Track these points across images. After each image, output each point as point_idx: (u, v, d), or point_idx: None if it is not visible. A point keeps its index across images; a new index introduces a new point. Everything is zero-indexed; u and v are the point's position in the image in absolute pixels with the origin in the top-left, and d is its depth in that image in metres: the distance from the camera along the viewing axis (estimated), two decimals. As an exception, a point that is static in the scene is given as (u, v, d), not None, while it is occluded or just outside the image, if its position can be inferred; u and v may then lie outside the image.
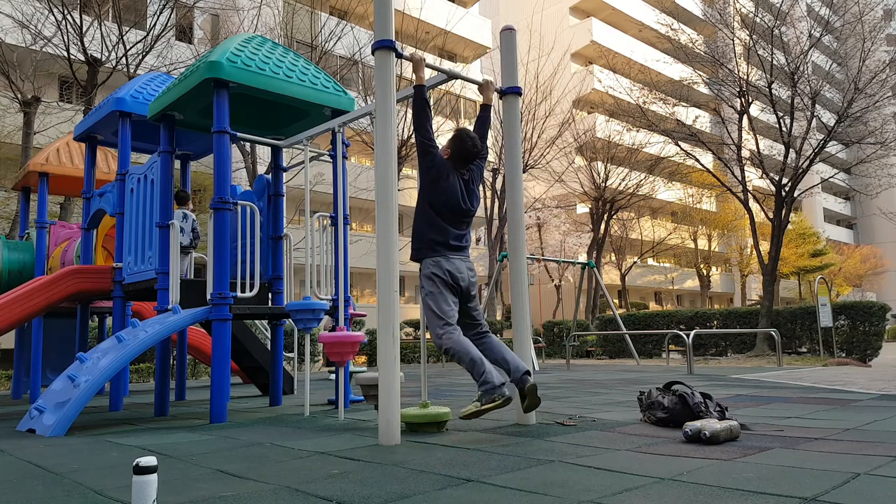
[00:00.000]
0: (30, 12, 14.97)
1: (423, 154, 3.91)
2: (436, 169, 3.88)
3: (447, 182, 3.88)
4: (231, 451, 3.31)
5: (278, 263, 6.10)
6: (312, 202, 8.65)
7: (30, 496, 2.37)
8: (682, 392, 3.79)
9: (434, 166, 3.88)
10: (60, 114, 16.19)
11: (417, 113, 3.93)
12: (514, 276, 4.30)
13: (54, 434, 4.08)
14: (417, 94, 3.93)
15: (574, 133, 26.38)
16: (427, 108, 3.94)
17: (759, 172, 18.03)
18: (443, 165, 3.91)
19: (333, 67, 19.51)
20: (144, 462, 1.72)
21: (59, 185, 8.45)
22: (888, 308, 15.04)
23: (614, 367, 12.75)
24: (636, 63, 29.09)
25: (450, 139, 4.06)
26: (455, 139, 4.02)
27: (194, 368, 12.24)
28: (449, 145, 4.03)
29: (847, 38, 19.68)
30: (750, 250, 36.44)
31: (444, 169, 3.90)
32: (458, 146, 3.98)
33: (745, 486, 2.21)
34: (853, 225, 58.65)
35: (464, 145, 3.97)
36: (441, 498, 2.17)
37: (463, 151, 3.97)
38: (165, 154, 5.47)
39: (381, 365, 3.42)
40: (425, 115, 3.92)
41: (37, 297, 6.05)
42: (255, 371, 7.14)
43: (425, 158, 3.91)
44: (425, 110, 3.93)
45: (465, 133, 4.03)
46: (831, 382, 7.02)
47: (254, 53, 5.19)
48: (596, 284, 25.07)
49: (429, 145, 3.91)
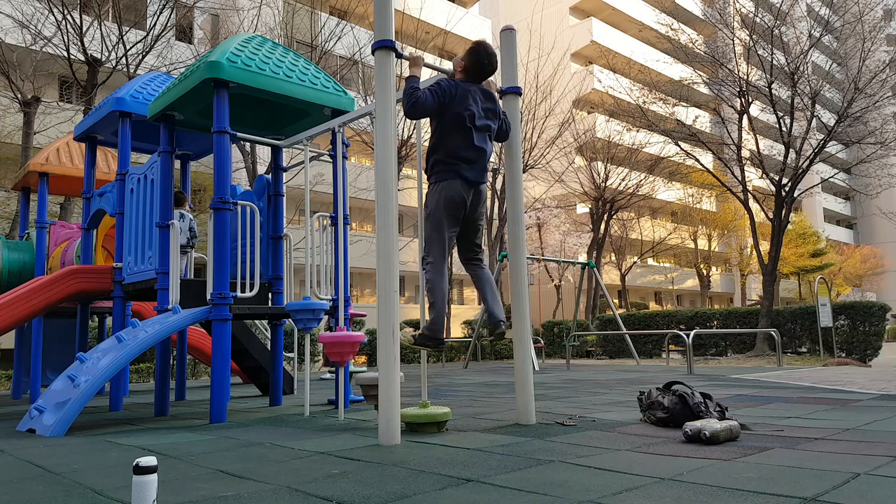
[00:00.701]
0: (30, 12, 14.98)
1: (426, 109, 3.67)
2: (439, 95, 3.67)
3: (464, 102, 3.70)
4: (231, 451, 3.31)
5: (278, 263, 6.10)
6: (312, 202, 8.65)
7: (30, 496, 2.37)
8: (682, 392, 3.79)
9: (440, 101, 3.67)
10: (60, 114, 16.19)
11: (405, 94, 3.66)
12: (514, 276, 4.30)
13: (54, 434, 4.08)
14: (407, 83, 3.68)
15: (574, 133, 26.38)
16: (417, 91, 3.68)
17: (759, 172, 18.04)
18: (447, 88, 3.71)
19: (333, 67, 19.51)
20: (144, 462, 1.72)
21: (59, 185, 8.45)
22: (888, 308, 15.04)
23: (614, 367, 12.75)
24: (636, 63, 29.10)
25: (466, 51, 3.87)
26: (471, 51, 3.84)
27: (194, 368, 12.24)
28: (464, 58, 3.86)
29: (847, 38, 19.68)
30: (750, 250, 36.44)
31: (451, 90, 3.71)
32: (474, 60, 3.83)
33: (745, 486, 2.21)
34: (853, 225, 58.65)
35: (479, 60, 3.82)
36: (441, 498, 2.17)
37: (478, 66, 3.82)
38: (165, 154, 5.47)
39: (381, 365, 3.42)
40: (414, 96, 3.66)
41: (37, 297, 6.05)
42: (255, 371, 7.14)
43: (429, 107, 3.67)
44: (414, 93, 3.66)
45: (484, 47, 3.87)
46: (831, 382, 7.02)
47: (254, 53, 5.19)
48: (596, 284, 25.07)
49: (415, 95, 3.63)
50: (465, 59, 3.87)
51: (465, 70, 3.88)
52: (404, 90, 3.70)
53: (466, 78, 3.87)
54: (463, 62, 3.88)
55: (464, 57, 3.89)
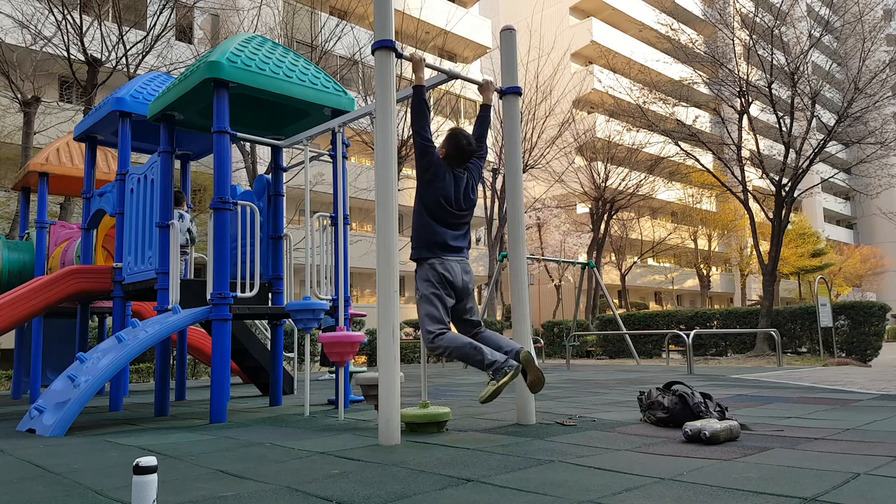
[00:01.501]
0: (30, 12, 14.98)
1: (422, 154, 3.91)
2: (433, 169, 3.88)
3: (442, 182, 3.88)
4: (231, 451, 3.31)
5: (278, 263, 6.10)
6: (312, 202, 8.65)
7: (30, 496, 2.37)
8: (682, 392, 3.79)
9: (431, 166, 3.88)
10: (60, 114, 16.19)
11: (416, 113, 3.92)
12: (514, 276, 4.30)
13: (54, 434, 4.08)
14: (416, 95, 3.92)
15: (574, 133, 26.39)
16: (426, 109, 3.94)
17: (759, 172, 18.04)
18: (439, 165, 3.91)
19: (333, 67, 19.51)
20: (144, 462, 1.72)
21: (59, 185, 8.45)
22: (888, 308, 15.04)
23: (614, 367, 12.75)
24: (636, 63, 29.09)
25: (444, 138, 4.05)
26: (449, 138, 4.03)
27: (194, 368, 12.23)
28: (444, 144, 4.03)
29: (847, 38, 19.68)
30: (750, 250, 36.44)
31: (440, 169, 3.90)
32: (452, 145, 3.99)
33: (745, 486, 2.21)
34: (853, 225, 58.66)
35: (458, 143, 3.99)
36: (441, 498, 2.17)
37: (458, 150, 3.98)
38: (165, 154, 5.47)
39: (381, 365, 3.42)
40: (423, 116, 3.92)
41: (37, 297, 6.05)
42: (255, 371, 7.14)
43: (423, 159, 3.90)
44: (423, 111, 3.92)
45: (459, 132, 4.06)
46: (831, 382, 7.02)
47: (254, 53, 5.19)
48: (596, 284, 25.07)
49: (427, 145, 3.90)
50: (444, 146, 4.02)
51: (446, 156, 4.01)
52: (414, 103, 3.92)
53: (449, 163, 3.99)
54: (443, 149, 4.02)
55: (443, 144, 4.04)
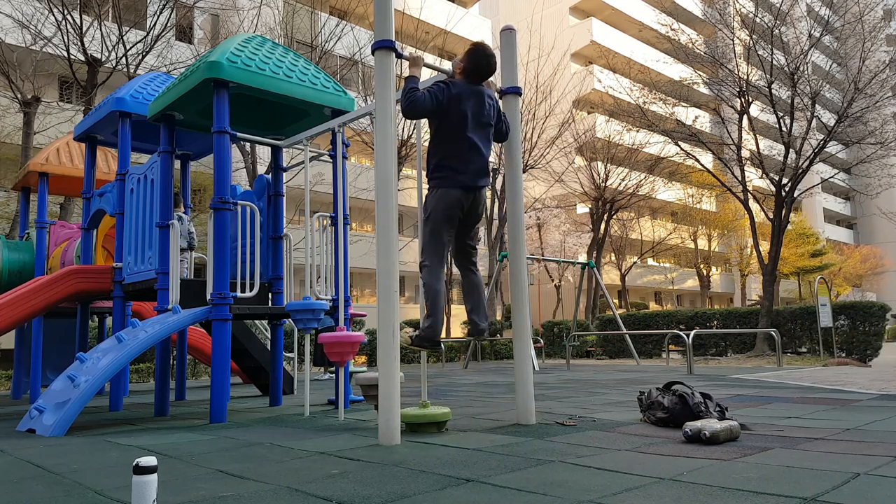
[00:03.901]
0: (30, 12, 14.98)
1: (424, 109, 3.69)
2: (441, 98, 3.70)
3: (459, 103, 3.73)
4: (231, 451, 3.31)
5: (278, 263, 6.10)
6: (312, 202, 8.65)
7: (30, 496, 2.37)
8: (682, 392, 3.79)
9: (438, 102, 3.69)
10: (60, 114, 16.19)
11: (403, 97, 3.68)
12: (514, 276, 4.30)
13: (54, 434, 4.08)
14: (406, 84, 3.72)
15: (574, 133, 26.37)
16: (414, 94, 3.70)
17: (759, 172, 18.04)
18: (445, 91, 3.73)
19: (333, 67, 19.51)
20: (144, 462, 1.72)
21: (59, 185, 8.45)
22: (888, 308, 15.05)
23: (614, 367, 12.75)
24: (636, 63, 29.10)
25: (465, 53, 3.87)
26: (471, 53, 3.84)
27: (194, 368, 12.23)
28: (463, 59, 3.87)
29: (847, 39, 19.69)
30: (750, 250, 36.43)
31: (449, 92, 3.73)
32: (472, 61, 3.83)
33: (745, 486, 2.21)
34: (853, 225, 58.65)
35: (478, 61, 3.82)
36: (441, 498, 2.17)
37: (477, 67, 3.83)
38: (165, 154, 5.47)
39: (381, 365, 3.42)
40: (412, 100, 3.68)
41: (37, 297, 6.05)
42: (255, 371, 7.14)
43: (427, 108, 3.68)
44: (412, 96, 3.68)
45: (482, 48, 3.88)
46: (831, 382, 7.02)
47: (254, 53, 5.19)
48: (596, 284, 25.07)
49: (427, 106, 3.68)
50: (464, 60, 3.87)
51: (463, 71, 3.88)
52: (403, 90, 3.72)
53: (465, 79, 3.87)
54: (462, 64, 3.88)
55: (462, 58, 3.89)
